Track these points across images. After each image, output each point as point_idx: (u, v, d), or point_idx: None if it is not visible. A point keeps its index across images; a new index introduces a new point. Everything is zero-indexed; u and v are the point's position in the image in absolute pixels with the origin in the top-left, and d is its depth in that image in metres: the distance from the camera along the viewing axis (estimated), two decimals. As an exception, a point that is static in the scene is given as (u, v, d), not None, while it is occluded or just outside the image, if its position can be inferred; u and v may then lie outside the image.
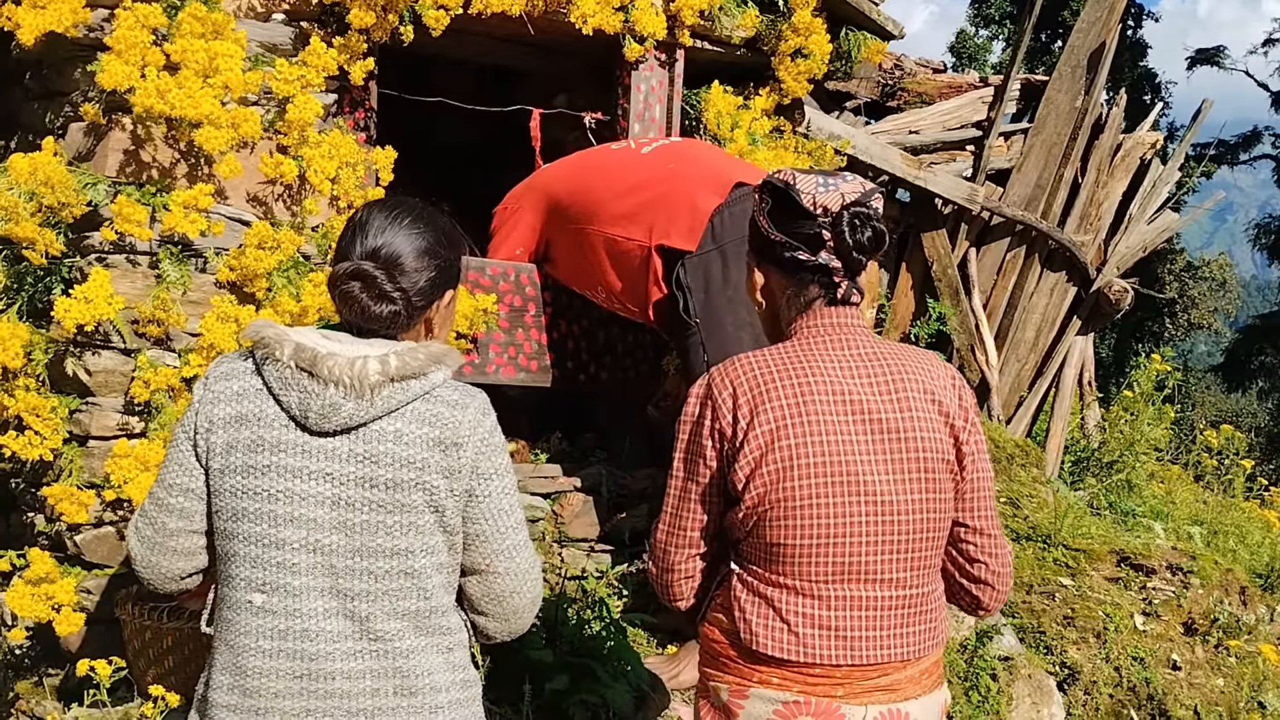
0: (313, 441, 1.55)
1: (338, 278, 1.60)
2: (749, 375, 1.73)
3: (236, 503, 1.57)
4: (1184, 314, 17.17)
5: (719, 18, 3.84)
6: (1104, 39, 5.25)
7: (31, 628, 2.83)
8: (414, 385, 1.58)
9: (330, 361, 1.55)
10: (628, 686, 2.93)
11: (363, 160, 3.14)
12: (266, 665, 1.57)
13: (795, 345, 1.76)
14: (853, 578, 1.69)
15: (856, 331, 1.77)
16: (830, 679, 1.70)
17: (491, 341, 3.59)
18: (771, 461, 1.68)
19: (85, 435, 2.87)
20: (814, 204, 1.73)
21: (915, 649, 1.73)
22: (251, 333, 1.61)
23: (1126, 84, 8.24)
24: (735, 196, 3.11)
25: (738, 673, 1.75)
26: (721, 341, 3.06)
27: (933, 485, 1.71)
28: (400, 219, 1.65)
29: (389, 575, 1.57)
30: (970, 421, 1.76)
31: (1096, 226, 5.53)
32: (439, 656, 1.63)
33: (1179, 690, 3.70)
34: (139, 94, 2.71)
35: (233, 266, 2.95)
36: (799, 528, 1.68)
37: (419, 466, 1.57)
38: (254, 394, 1.58)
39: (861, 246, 1.73)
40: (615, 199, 3.28)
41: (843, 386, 1.71)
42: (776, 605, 1.71)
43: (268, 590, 1.56)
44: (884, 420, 1.70)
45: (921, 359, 1.78)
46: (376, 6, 3.11)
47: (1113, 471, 5.41)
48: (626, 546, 3.72)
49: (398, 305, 1.61)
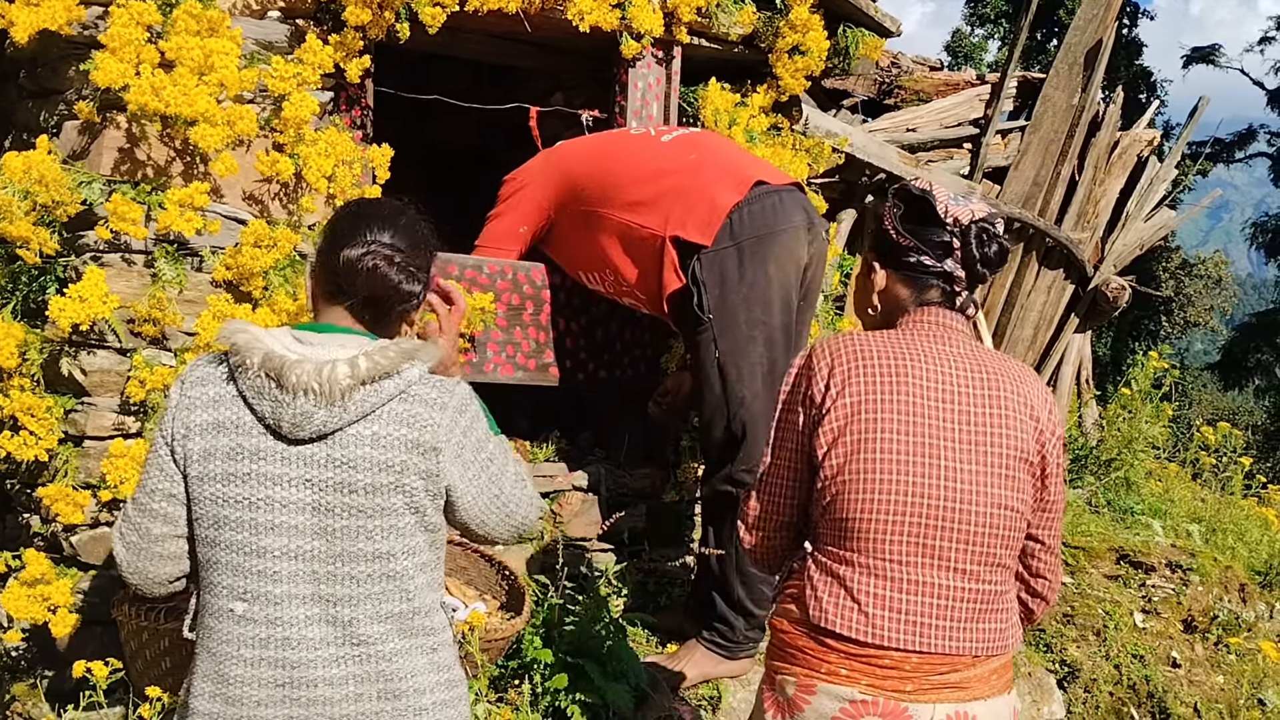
0: (290, 448, 1.55)
1: (360, 257, 1.61)
2: (849, 349, 1.78)
3: (218, 510, 1.56)
4: (1180, 312, 17.21)
5: (716, 14, 3.83)
6: (1100, 37, 5.25)
7: (27, 629, 2.82)
8: (387, 385, 1.58)
9: (298, 370, 1.53)
10: (627, 686, 2.92)
11: (359, 158, 3.13)
12: (248, 674, 1.56)
13: (901, 333, 1.82)
14: (926, 561, 1.70)
15: (961, 335, 1.82)
16: (899, 671, 1.69)
17: (489, 340, 3.57)
18: (854, 431, 1.72)
19: (81, 435, 2.85)
20: (946, 213, 1.81)
21: (985, 645, 1.73)
22: (224, 337, 1.61)
23: (1123, 82, 8.24)
24: (755, 194, 3.10)
25: (806, 664, 1.75)
26: (734, 339, 3.05)
27: (1013, 484, 1.73)
28: (401, 214, 1.71)
29: (371, 579, 1.57)
30: (1058, 438, 1.80)
31: (1094, 224, 5.53)
32: (423, 658, 1.63)
33: (1179, 688, 3.70)
34: (133, 92, 2.69)
35: (229, 265, 2.94)
36: (875, 501, 1.70)
37: (397, 470, 1.56)
38: (230, 400, 1.58)
39: (987, 259, 1.82)
40: (633, 185, 3.25)
41: (938, 374, 1.75)
42: (848, 584, 1.72)
43: (249, 599, 1.56)
44: (973, 413, 1.74)
45: (1021, 370, 1.83)
46: (373, 4, 3.10)
47: (1111, 469, 5.41)
48: (626, 546, 3.71)
49: (421, 284, 1.66)
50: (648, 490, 3.83)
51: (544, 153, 3.62)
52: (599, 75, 3.97)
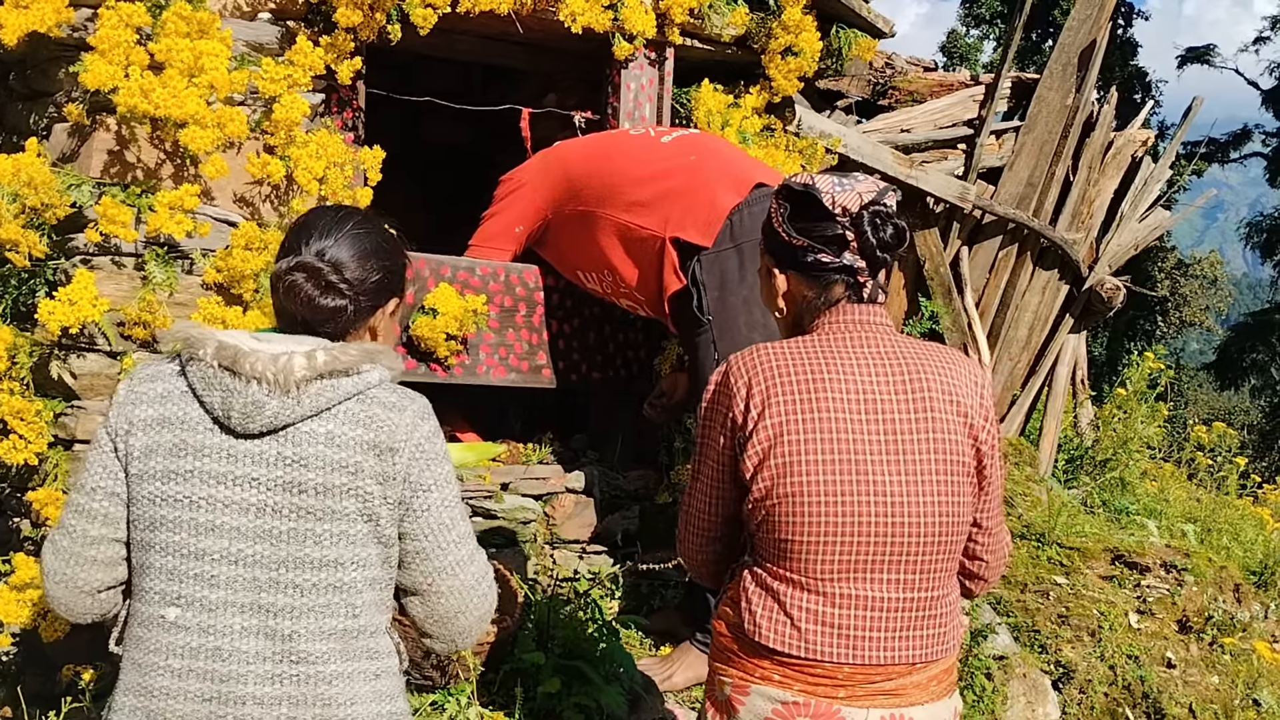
0: (238, 445, 1.48)
1: (283, 272, 1.54)
2: (765, 366, 1.73)
3: (155, 510, 1.48)
4: (1175, 312, 17.23)
5: (709, 15, 3.83)
6: (1095, 37, 5.25)
7: (16, 634, 2.80)
8: (345, 383, 1.51)
9: (253, 358, 1.47)
10: (621, 689, 2.91)
11: (350, 160, 3.12)
12: (174, 686, 1.47)
13: (815, 340, 1.76)
14: (859, 576, 1.68)
15: (878, 329, 1.77)
16: (832, 679, 1.68)
17: (482, 342, 3.56)
18: (779, 455, 1.68)
19: (71, 439, 2.84)
20: (834, 205, 1.74)
21: (922, 653, 1.71)
22: (177, 332, 1.54)
23: (1117, 82, 8.25)
24: (754, 196, 3.10)
25: (741, 668, 1.74)
26: (733, 340, 3.04)
27: (946, 489, 1.69)
28: (344, 222, 1.61)
29: (316, 589, 1.48)
30: (989, 420, 1.75)
31: (1088, 224, 5.52)
32: (366, 685, 1.53)
33: (1174, 688, 3.69)
34: (123, 94, 2.68)
35: (219, 268, 2.93)
36: (805, 524, 1.67)
37: (351, 471, 1.49)
38: (178, 396, 1.51)
39: (885, 244, 1.75)
40: (632, 186, 3.25)
41: (857, 384, 1.71)
42: (782, 600, 1.70)
43: (182, 604, 1.47)
44: (897, 420, 1.69)
45: (944, 358, 1.77)
46: (364, 5, 3.09)
47: (1106, 470, 5.41)
48: (619, 548, 3.70)
49: (345, 299, 1.56)
50: (641, 492, 3.82)
51: (541, 153, 3.61)
52: (591, 76, 3.97)
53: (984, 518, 1.79)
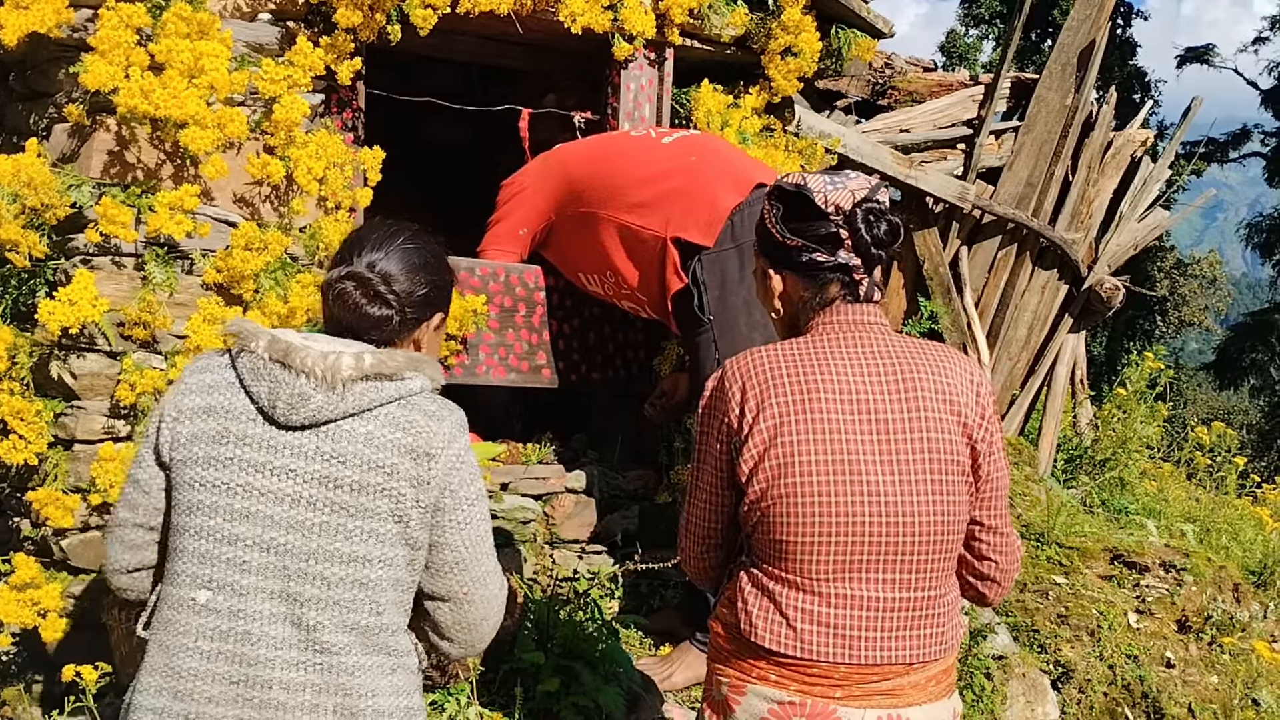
0: (280, 436, 1.53)
1: (334, 280, 1.62)
2: (759, 369, 1.74)
3: (193, 495, 1.54)
4: (1175, 312, 17.24)
5: (708, 16, 3.83)
6: (1094, 37, 5.25)
7: (17, 634, 2.81)
8: (388, 387, 1.56)
9: (303, 353, 1.54)
10: (620, 689, 2.91)
11: (350, 160, 3.12)
12: (203, 667, 1.51)
13: (809, 341, 1.77)
14: (854, 576, 1.68)
15: (873, 329, 1.77)
16: (828, 679, 1.68)
17: (481, 342, 3.56)
18: (774, 457, 1.68)
19: (70, 439, 2.84)
20: (826, 203, 1.73)
21: (920, 653, 1.71)
22: (231, 327, 1.61)
23: (1116, 82, 8.26)
24: (755, 197, 3.11)
25: (738, 667, 1.75)
26: (733, 340, 3.04)
27: (941, 488, 1.69)
28: (396, 236, 1.68)
29: (342, 583, 1.53)
30: (987, 419, 1.74)
31: (1087, 224, 5.53)
32: (384, 679, 1.57)
33: (1173, 688, 3.70)
34: (123, 94, 2.69)
35: (219, 268, 2.93)
36: (800, 525, 1.67)
37: (387, 471, 1.53)
38: (225, 387, 1.57)
39: (879, 241, 1.74)
40: (634, 187, 3.25)
41: (850, 385, 1.71)
42: (778, 600, 1.70)
43: (214, 587, 1.52)
44: (890, 421, 1.69)
45: (939, 357, 1.76)
46: (363, 6, 3.09)
47: (1105, 469, 5.41)
48: (619, 548, 3.70)
49: (392, 309, 1.63)
50: (641, 492, 3.82)
51: (543, 155, 3.62)
52: (591, 77, 3.97)
53: (987, 516, 1.78)
